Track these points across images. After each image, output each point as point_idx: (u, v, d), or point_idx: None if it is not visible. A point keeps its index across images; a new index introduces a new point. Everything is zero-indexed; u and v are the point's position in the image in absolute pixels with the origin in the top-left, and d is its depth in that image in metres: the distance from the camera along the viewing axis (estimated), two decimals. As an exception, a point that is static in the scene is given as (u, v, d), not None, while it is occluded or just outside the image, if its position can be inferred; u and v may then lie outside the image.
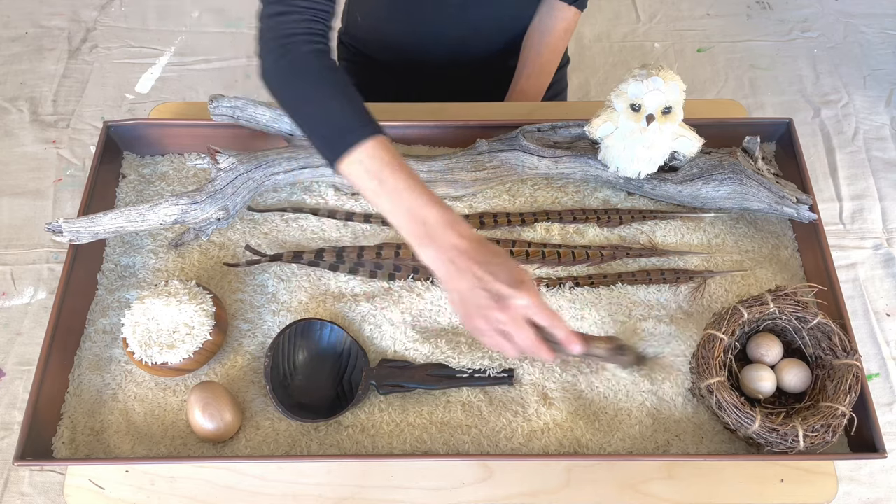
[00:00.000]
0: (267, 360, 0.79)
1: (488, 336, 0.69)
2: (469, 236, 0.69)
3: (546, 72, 1.14)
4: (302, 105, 0.77)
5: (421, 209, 0.70)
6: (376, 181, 0.71)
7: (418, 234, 0.70)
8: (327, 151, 0.74)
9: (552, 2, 1.09)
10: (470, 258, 0.68)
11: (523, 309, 0.67)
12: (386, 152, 0.72)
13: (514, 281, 0.67)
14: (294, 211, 0.94)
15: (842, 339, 0.80)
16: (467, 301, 0.69)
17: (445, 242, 0.69)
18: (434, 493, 0.80)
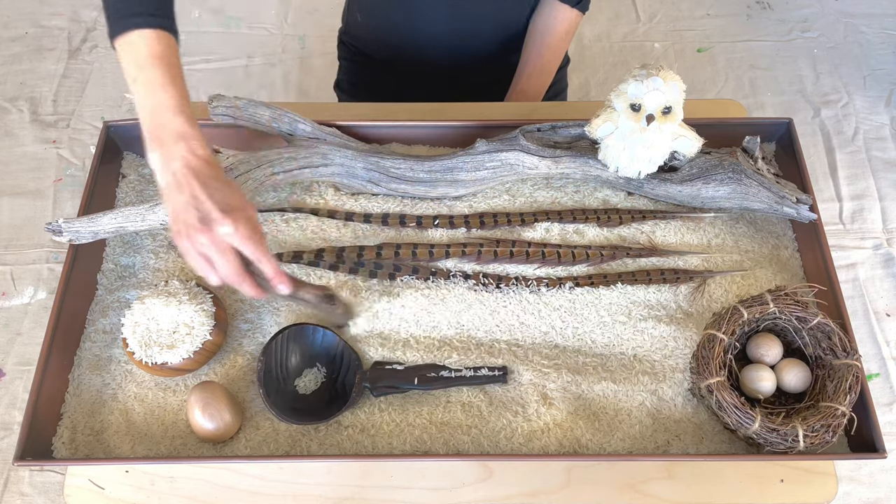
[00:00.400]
0: (260, 364, 0.79)
1: (191, 257, 0.69)
2: (200, 154, 0.69)
3: (547, 72, 1.15)
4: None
5: (163, 112, 0.70)
6: (137, 69, 0.71)
7: (153, 135, 0.70)
8: (111, 23, 0.74)
9: (554, 3, 1.09)
10: (193, 174, 0.67)
11: (227, 236, 0.67)
12: (160, 45, 0.71)
13: (226, 206, 0.67)
14: (294, 211, 0.94)
15: (842, 339, 0.80)
16: (178, 217, 0.68)
17: (175, 152, 0.68)
18: (434, 493, 0.80)
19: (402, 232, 0.93)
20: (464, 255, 0.90)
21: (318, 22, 2.15)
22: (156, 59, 0.71)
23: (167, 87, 0.70)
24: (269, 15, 2.16)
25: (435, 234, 0.93)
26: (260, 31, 2.12)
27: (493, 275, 0.89)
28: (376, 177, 0.93)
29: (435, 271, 0.89)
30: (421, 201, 0.96)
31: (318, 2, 2.19)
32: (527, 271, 0.90)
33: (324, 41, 2.10)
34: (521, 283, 0.88)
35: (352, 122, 0.97)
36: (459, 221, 0.93)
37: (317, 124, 0.94)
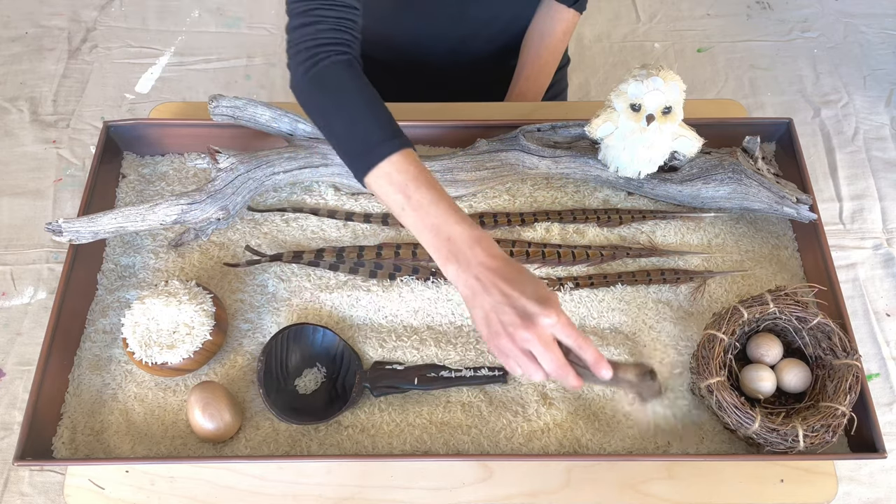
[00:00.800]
0: (260, 364, 0.79)
1: (513, 356, 0.66)
2: (496, 254, 0.68)
3: (545, 73, 1.14)
4: (328, 119, 0.76)
5: (446, 225, 0.69)
6: (401, 195, 0.71)
7: (443, 250, 0.69)
8: (354, 166, 0.74)
9: (551, 3, 1.08)
10: (496, 275, 0.66)
11: (550, 327, 0.65)
12: (412, 166, 0.71)
13: (541, 298, 0.65)
14: (294, 211, 0.94)
15: (842, 339, 0.80)
16: (492, 319, 0.66)
17: (471, 260, 0.67)
18: (434, 493, 0.80)
19: (402, 232, 0.93)
20: (464, 255, 0.90)
21: (318, 22, 2.15)
22: (416, 180, 0.71)
23: (438, 202, 0.70)
24: (269, 15, 2.16)
25: (435, 234, 0.93)
26: (260, 31, 2.12)
27: (493, 275, 0.89)
28: (376, 177, 0.92)
29: (435, 271, 0.89)
30: (421, 201, 0.95)
31: (318, 2, 2.19)
32: (527, 271, 0.90)
33: (324, 41, 2.10)
34: (521, 283, 0.88)
35: (352, 122, 0.97)
36: (459, 221, 0.93)
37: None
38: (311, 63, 0.76)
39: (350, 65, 0.77)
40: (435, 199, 0.70)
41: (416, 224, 0.71)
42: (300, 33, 0.77)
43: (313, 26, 0.76)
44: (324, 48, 0.76)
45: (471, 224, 0.69)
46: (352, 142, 0.75)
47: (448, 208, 0.70)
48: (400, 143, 0.72)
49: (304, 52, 0.76)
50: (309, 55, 0.76)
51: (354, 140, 0.74)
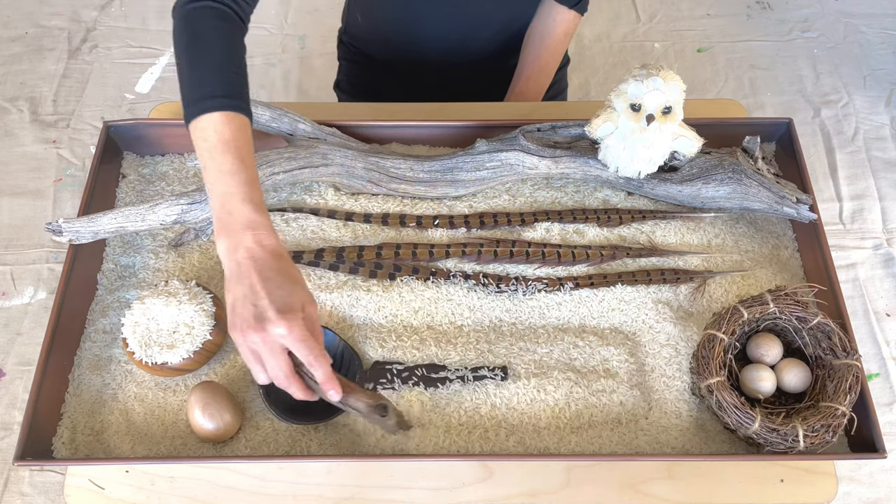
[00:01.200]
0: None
1: (242, 352, 0.67)
2: (267, 245, 0.68)
3: (545, 74, 1.14)
4: (179, 56, 0.77)
5: (232, 199, 0.69)
6: (208, 155, 0.71)
7: (221, 223, 0.69)
8: (184, 110, 0.74)
9: (553, 5, 1.08)
10: (255, 267, 0.66)
11: (280, 338, 0.65)
12: (229, 129, 0.71)
13: (284, 305, 0.65)
14: (294, 211, 0.94)
15: (842, 339, 0.80)
16: (235, 310, 0.66)
17: (241, 241, 0.67)
18: (434, 493, 0.80)
19: (402, 232, 0.93)
20: (464, 255, 0.90)
21: (318, 22, 2.15)
22: (224, 144, 0.71)
23: (235, 174, 0.70)
24: (269, 15, 2.16)
25: (435, 234, 0.93)
26: (260, 31, 2.12)
27: (493, 275, 0.89)
28: (376, 177, 0.93)
29: (435, 271, 0.89)
30: (421, 201, 0.96)
31: (318, 2, 2.19)
32: (527, 271, 0.90)
33: (324, 41, 2.10)
34: (521, 283, 0.88)
35: (352, 122, 0.97)
36: (459, 221, 0.93)
37: (317, 124, 0.94)
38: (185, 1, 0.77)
39: (222, 16, 0.77)
40: (234, 170, 0.70)
41: (209, 188, 0.71)
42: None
43: None
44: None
45: (257, 207, 0.69)
46: (188, 86, 0.74)
47: (243, 183, 0.69)
48: (228, 103, 0.72)
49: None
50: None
51: (191, 86, 0.74)
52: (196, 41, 0.76)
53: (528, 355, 0.84)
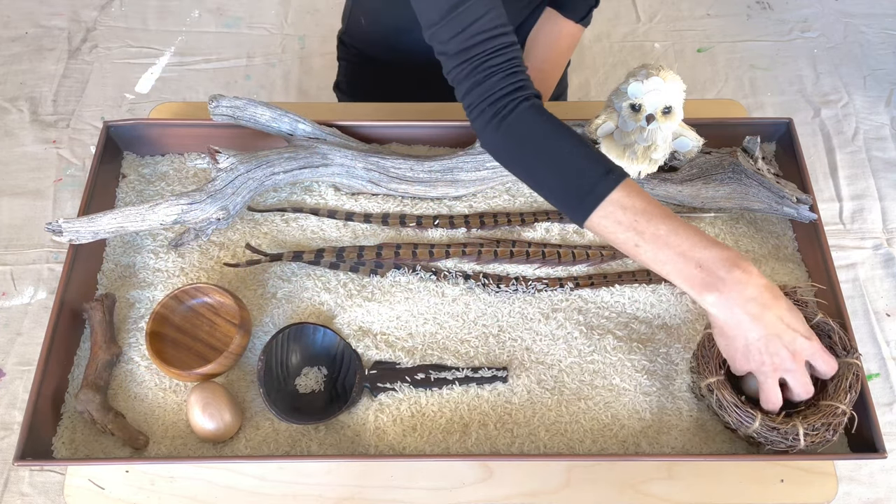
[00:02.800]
0: (260, 363, 0.79)
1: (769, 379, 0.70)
2: (757, 274, 0.66)
3: (546, 87, 1.14)
4: (532, 172, 0.74)
5: (693, 251, 0.66)
6: (632, 232, 0.68)
7: (696, 279, 0.66)
8: (573, 214, 0.71)
9: (557, 18, 1.08)
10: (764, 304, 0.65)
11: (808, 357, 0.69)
12: (635, 199, 0.68)
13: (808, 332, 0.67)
14: (294, 211, 0.94)
15: (842, 337, 0.80)
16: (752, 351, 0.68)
17: (732, 285, 0.65)
18: (434, 493, 0.80)
19: (402, 232, 0.93)
20: (464, 255, 0.90)
21: (318, 22, 2.15)
22: (643, 215, 0.67)
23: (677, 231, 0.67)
24: (269, 15, 2.16)
25: (435, 234, 0.93)
26: (260, 31, 2.12)
27: (493, 275, 0.89)
28: (376, 177, 0.93)
29: (435, 271, 0.89)
30: (421, 201, 0.96)
31: (318, 2, 2.19)
32: (527, 271, 0.90)
33: (324, 41, 2.10)
34: (521, 283, 0.88)
35: (352, 122, 0.97)
36: (459, 221, 0.93)
37: (317, 124, 0.94)
38: (498, 120, 0.72)
39: (536, 108, 0.73)
40: (671, 229, 0.67)
41: (658, 257, 0.67)
42: (476, 93, 0.73)
43: (487, 82, 0.72)
44: (505, 99, 0.72)
45: (721, 245, 0.67)
46: (564, 190, 0.71)
47: (691, 234, 0.67)
48: (616, 177, 0.68)
49: (487, 110, 0.72)
50: (493, 112, 0.72)
51: (566, 187, 0.71)
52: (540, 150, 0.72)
53: (529, 355, 0.84)
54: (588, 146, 0.72)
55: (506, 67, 0.72)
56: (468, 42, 0.71)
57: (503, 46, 0.72)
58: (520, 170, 0.75)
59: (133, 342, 0.85)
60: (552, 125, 0.73)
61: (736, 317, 0.66)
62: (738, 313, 0.66)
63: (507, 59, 0.72)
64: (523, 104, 0.72)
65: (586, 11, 1.07)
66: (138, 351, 0.84)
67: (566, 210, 0.72)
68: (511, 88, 0.72)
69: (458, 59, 0.72)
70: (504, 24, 0.73)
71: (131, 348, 0.85)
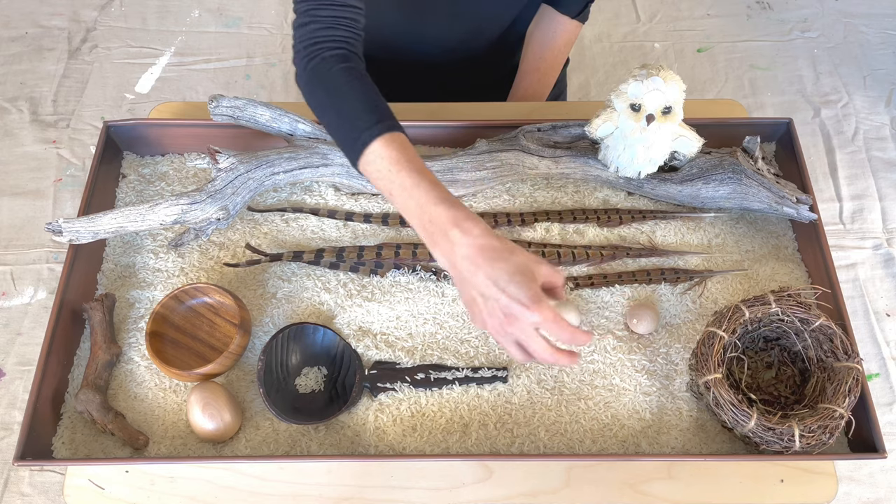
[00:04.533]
0: (260, 363, 0.79)
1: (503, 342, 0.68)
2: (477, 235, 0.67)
3: (544, 84, 1.14)
4: (323, 112, 0.79)
5: (427, 207, 0.69)
6: (386, 181, 0.72)
7: (429, 235, 0.70)
8: (348, 157, 0.76)
9: (555, 14, 1.08)
10: (476, 265, 0.66)
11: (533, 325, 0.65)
12: (392, 150, 0.72)
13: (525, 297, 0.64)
14: (294, 211, 0.94)
15: (843, 341, 0.79)
16: (474, 306, 0.68)
17: (452, 244, 0.67)
18: (434, 493, 0.80)
19: (402, 232, 0.93)
20: (464, 255, 0.90)
21: (318, 22, 2.15)
22: (395, 164, 0.71)
23: (417, 186, 0.70)
24: (269, 15, 2.16)
25: (435, 234, 0.93)
26: (260, 31, 2.12)
27: (493, 275, 0.89)
28: (376, 177, 0.92)
29: (435, 271, 0.89)
30: (421, 201, 0.95)
31: (318, 2, 2.19)
32: (527, 271, 0.90)
33: (324, 41, 2.10)
34: (521, 283, 0.88)
35: (352, 122, 0.97)
36: (459, 221, 0.93)
37: (317, 124, 0.94)
38: (307, 60, 0.79)
39: (343, 58, 0.79)
40: (414, 182, 0.70)
41: (404, 207, 0.72)
42: (299, 33, 0.80)
43: (309, 25, 0.79)
44: (317, 45, 0.78)
45: (450, 203, 0.69)
46: (341, 133, 0.77)
47: (427, 190, 0.70)
48: (381, 128, 0.73)
49: (301, 50, 0.79)
50: (306, 53, 0.79)
51: (343, 131, 0.76)
52: (332, 93, 0.77)
53: (528, 355, 0.84)
54: (373, 99, 0.76)
55: (330, 21, 0.78)
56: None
57: (340, 4, 0.79)
58: (317, 111, 0.80)
59: (133, 342, 0.85)
60: (347, 75, 0.77)
61: (455, 274, 0.68)
62: (456, 272, 0.68)
63: (336, 15, 0.79)
64: (330, 52, 0.78)
65: (582, 6, 1.07)
66: (138, 351, 0.84)
67: (345, 154, 0.77)
68: (326, 39, 0.78)
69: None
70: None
71: (131, 348, 0.85)
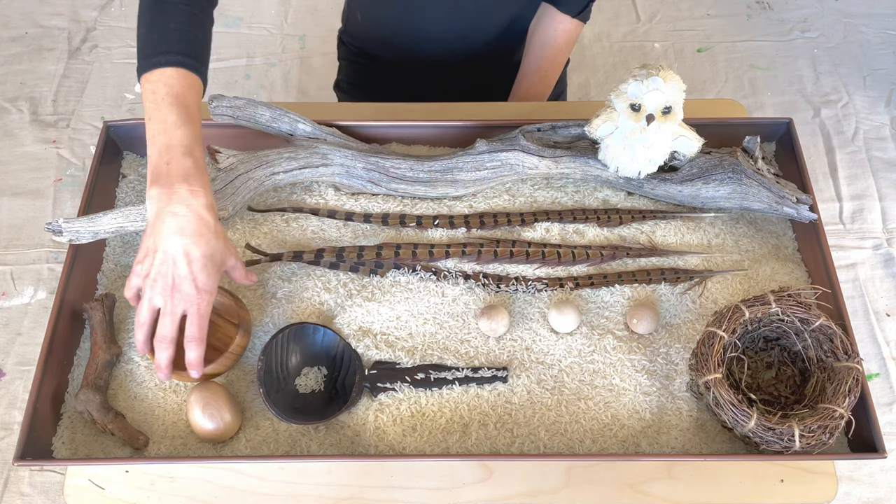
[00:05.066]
0: (260, 363, 0.79)
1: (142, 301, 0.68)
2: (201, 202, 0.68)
3: (546, 84, 1.14)
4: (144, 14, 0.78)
5: (173, 151, 0.69)
6: (153, 107, 0.71)
7: (157, 171, 0.69)
8: (138, 63, 0.75)
9: (556, 13, 1.08)
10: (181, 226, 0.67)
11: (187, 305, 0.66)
12: (180, 85, 0.72)
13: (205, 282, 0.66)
14: (294, 211, 0.94)
15: (843, 341, 0.79)
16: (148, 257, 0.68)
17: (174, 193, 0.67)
18: (434, 493, 0.80)
19: (402, 232, 0.93)
20: (464, 255, 0.90)
21: (318, 22, 2.15)
22: (172, 97, 0.71)
23: (180, 128, 0.70)
24: (269, 15, 2.16)
25: (435, 234, 0.93)
26: (260, 31, 2.12)
27: (493, 275, 0.89)
28: (376, 177, 0.93)
29: (435, 271, 0.89)
30: (421, 201, 0.96)
31: (318, 2, 2.19)
32: (527, 271, 0.90)
33: (324, 41, 2.10)
34: (521, 283, 0.88)
35: (352, 122, 0.97)
36: (459, 221, 0.93)
37: (317, 124, 0.94)
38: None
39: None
40: (179, 123, 0.70)
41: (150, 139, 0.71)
42: None
43: None
44: None
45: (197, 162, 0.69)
46: (145, 43, 0.75)
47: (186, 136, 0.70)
48: (182, 61, 0.73)
49: None
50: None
51: (148, 42, 0.75)
52: (159, 3, 0.77)
53: (529, 355, 0.84)
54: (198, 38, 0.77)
55: None
56: None
57: None
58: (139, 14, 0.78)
59: (133, 342, 0.85)
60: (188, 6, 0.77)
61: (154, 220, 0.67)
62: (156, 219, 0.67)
63: None
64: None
65: (583, 6, 1.07)
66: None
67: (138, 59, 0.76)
68: None
69: None
70: None
71: (131, 348, 0.85)
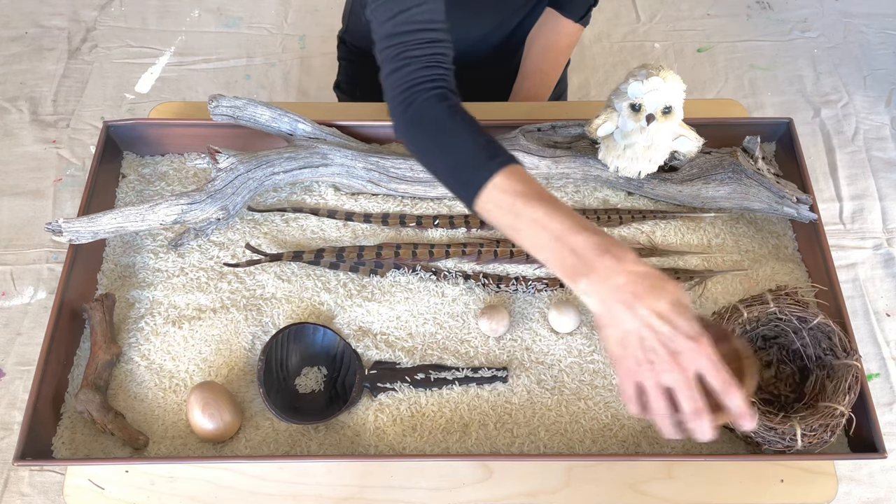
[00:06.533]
0: (260, 363, 0.79)
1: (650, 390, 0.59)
2: (632, 261, 0.60)
3: (546, 86, 1.14)
4: (429, 157, 0.75)
5: (567, 236, 0.62)
6: (511, 216, 0.65)
7: (570, 268, 0.62)
8: (465, 202, 0.70)
9: (557, 17, 1.08)
10: (634, 293, 0.59)
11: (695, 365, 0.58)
12: (516, 183, 0.66)
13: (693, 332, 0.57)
14: (294, 211, 0.94)
15: (842, 339, 0.80)
16: (629, 343, 0.59)
17: (602, 272, 0.60)
18: (434, 493, 0.80)
19: (402, 232, 0.93)
20: (464, 255, 0.90)
21: (318, 22, 2.15)
22: (521, 198, 0.65)
23: (553, 214, 0.63)
24: (269, 15, 2.16)
25: (435, 234, 0.93)
26: (260, 31, 2.12)
27: (493, 275, 0.89)
28: (376, 177, 0.93)
29: (435, 271, 0.89)
30: (421, 201, 0.96)
31: (318, 2, 2.19)
32: (527, 271, 0.90)
33: (324, 41, 2.10)
34: (521, 283, 0.88)
35: (352, 122, 0.97)
36: (459, 221, 0.93)
37: (317, 124, 0.94)
38: (405, 105, 0.74)
39: (442, 97, 0.73)
40: (550, 212, 0.63)
41: (535, 242, 0.64)
42: (392, 80, 0.74)
43: (403, 70, 0.73)
44: (413, 89, 0.73)
45: (594, 230, 0.62)
46: (452, 176, 0.72)
47: (566, 218, 0.63)
48: (500, 162, 0.67)
49: (397, 96, 0.74)
50: (402, 99, 0.74)
51: (454, 173, 0.71)
52: (438, 135, 0.72)
53: (529, 355, 0.84)
54: (482, 135, 0.71)
55: (425, 60, 0.74)
56: (399, 28, 0.73)
57: (430, 41, 0.74)
58: (421, 158, 0.76)
59: (133, 342, 0.85)
60: (451, 114, 0.73)
61: (607, 306, 0.60)
62: (609, 302, 0.60)
63: (429, 53, 0.74)
64: (430, 93, 0.73)
65: (585, 10, 1.08)
66: (138, 351, 0.85)
67: (459, 197, 0.71)
68: (423, 80, 0.73)
69: (388, 41, 0.74)
70: (440, 20, 0.75)
71: (131, 348, 0.85)
